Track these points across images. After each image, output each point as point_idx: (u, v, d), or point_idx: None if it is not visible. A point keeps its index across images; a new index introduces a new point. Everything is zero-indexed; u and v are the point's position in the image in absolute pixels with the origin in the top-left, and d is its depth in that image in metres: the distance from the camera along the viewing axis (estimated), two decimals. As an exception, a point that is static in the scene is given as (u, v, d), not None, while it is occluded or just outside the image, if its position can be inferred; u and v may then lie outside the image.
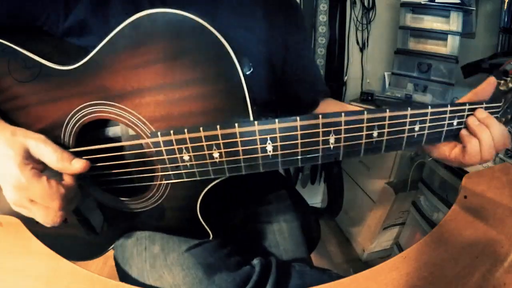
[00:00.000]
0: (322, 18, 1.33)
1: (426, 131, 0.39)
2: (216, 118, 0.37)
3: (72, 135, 0.42)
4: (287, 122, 0.35)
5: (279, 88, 0.62)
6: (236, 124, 0.36)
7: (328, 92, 0.69)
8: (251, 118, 0.36)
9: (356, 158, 1.32)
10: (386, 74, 1.47)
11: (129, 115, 0.39)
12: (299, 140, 0.36)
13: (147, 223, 0.49)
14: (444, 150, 0.44)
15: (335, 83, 1.44)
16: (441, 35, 1.27)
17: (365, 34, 1.45)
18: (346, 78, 1.49)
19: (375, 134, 0.37)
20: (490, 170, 0.65)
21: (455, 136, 0.42)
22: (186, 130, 0.37)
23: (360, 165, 1.44)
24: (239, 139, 0.36)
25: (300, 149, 0.37)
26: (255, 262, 0.48)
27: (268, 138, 0.36)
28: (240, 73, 0.35)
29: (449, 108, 0.39)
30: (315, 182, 1.64)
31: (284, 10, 0.60)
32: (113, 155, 0.43)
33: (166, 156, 0.39)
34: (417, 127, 0.38)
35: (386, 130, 0.37)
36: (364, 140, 0.37)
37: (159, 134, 0.38)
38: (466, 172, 0.64)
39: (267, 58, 0.57)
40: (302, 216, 0.68)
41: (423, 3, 1.25)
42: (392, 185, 1.27)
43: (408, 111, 0.37)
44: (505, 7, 1.14)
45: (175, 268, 0.46)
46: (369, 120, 0.36)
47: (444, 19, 1.24)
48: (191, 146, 0.37)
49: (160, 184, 0.43)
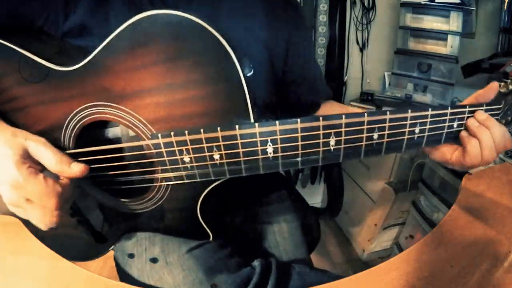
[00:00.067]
0: (322, 18, 1.33)
1: (426, 133, 0.39)
2: (216, 119, 0.36)
3: (72, 136, 0.42)
4: (287, 124, 0.35)
5: (280, 89, 0.62)
6: (237, 126, 0.35)
7: (330, 95, 0.68)
8: (252, 120, 0.36)
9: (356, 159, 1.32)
10: (386, 74, 1.46)
11: (129, 116, 0.39)
12: (300, 142, 0.36)
13: (147, 224, 0.49)
14: (444, 153, 0.44)
15: (335, 83, 1.44)
16: (441, 35, 1.27)
17: (365, 34, 1.45)
18: (346, 78, 1.49)
19: (375, 136, 0.37)
20: (490, 170, 0.65)
21: (455, 138, 0.42)
22: (186, 132, 0.37)
23: (360, 165, 1.44)
24: (239, 141, 0.36)
25: (300, 151, 0.37)
26: (256, 263, 0.48)
27: (269, 140, 0.36)
28: (241, 74, 0.35)
29: (449, 110, 0.39)
30: (315, 182, 1.64)
31: (285, 11, 0.59)
32: (113, 157, 0.43)
33: (166, 158, 0.39)
34: (417, 129, 0.38)
35: (387, 132, 0.37)
36: (364, 142, 0.37)
37: (159, 135, 0.38)
38: (466, 172, 0.64)
39: (268, 59, 0.57)
40: (302, 216, 0.68)
41: (423, 3, 1.25)
42: (392, 185, 1.27)
43: (409, 113, 0.37)
44: (505, 7, 1.14)
45: (175, 269, 0.46)
46: (369, 122, 0.36)
47: (444, 19, 1.24)
48: (192, 148, 0.37)
49: (161, 185, 0.43)
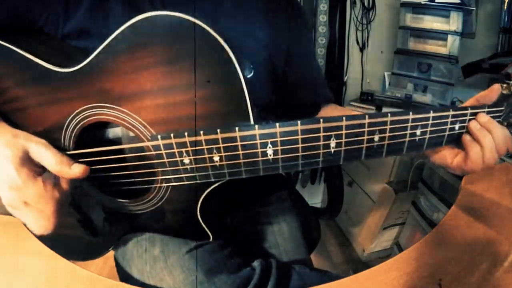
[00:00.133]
0: (322, 18, 1.33)
1: (427, 136, 0.39)
2: (216, 121, 0.36)
3: (72, 137, 0.42)
4: (288, 126, 0.35)
5: (280, 90, 0.62)
6: (237, 128, 0.35)
7: (331, 98, 0.67)
8: (252, 122, 0.36)
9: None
10: (386, 74, 1.47)
11: (129, 118, 0.39)
12: (300, 144, 0.36)
13: (147, 225, 0.49)
14: (445, 157, 0.43)
15: (335, 83, 1.44)
16: (441, 35, 1.27)
17: (365, 34, 1.45)
18: (346, 78, 1.49)
19: (376, 138, 0.37)
20: (490, 170, 0.65)
21: (456, 140, 0.41)
22: (186, 134, 0.36)
23: (360, 165, 1.44)
24: (239, 143, 0.36)
25: (300, 153, 0.36)
26: (256, 264, 0.48)
27: (269, 142, 0.36)
28: (241, 76, 0.34)
29: (451, 112, 0.39)
30: (315, 182, 1.64)
31: (286, 11, 0.59)
32: (113, 158, 0.43)
33: (166, 159, 0.39)
34: (418, 132, 0.38)
35: (388, 134, 0.37)
36: (365, 145, 0.37)
37: (159, 137, 0.38)
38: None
39: (269, 59, 0.57)
40: (302, 217, 0.68)
41: (423, 3, 1.25)
42: (392, 185, 1.27)
43: (410, 116, 0.37)
44: (505, 7, 1.13)
45: (175, 270, 0.46)
46: (370, 124, 0.36)
47: (444, 19, 1.24)
48: (191, 150, 0.37)
49: (161, 186, 0.43)
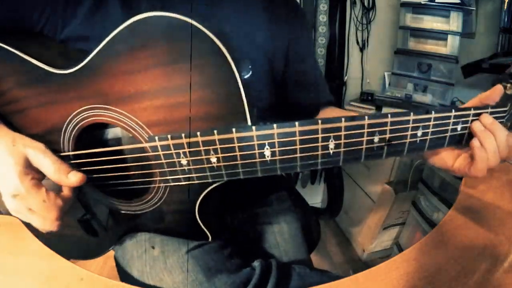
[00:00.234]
0: (322, 18, 1.33)
1: (429, 137, 0.38)
2: (214, 123, 0.36)
3: (71, 138, 0.42)
4: (285, 127, 0.35)
5: (280, 91, 0.62)
6: (234, 129, 0.35)
7: (330, 100, 0.67)
8: (249, 123, 0.36)
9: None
10: (386, 74, 1.47)
11: (127, 119, 0.39)
12: (298, 146, 0.35)
13: (146, 225, 0.49)
14: (444, 159, 0.42)
15: (335, 83, 1.44)
16: (441, 35, 1.27)
17: (365, 34, 1.45)
18: (346, 78, 1.49)
19: (376, 139, 0.36)
20: (490, 170, 0.65)
21: (458, 141, 0.40)
22: (183, 135, 0.36)
23: (360, 165, 1.44)
24: (236, 144, 0.36)
25: (298, 154, 0.36)
26: (256, 264, 0.48)
27: (266, 143, 0.35)
28: (238, 77, 0.34)
29: (453, 113, 0.38)
30: (315, 182, 1.64)
31: (286, 12, 0.59)
32: (111, 159, 0.43)
33: (164, 161, 0.39)
34: (419, 133, 0.37)
35: (388, 135, 0.36)
36: (364, 146, 0.36)
37: (156, 138, 0.38)
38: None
39: (268, 60, 0.57)
40: (302, 217, 0.68)
41: (423, 3, 1.25)
42: (392, 185, 1.27)
43: (411, 116, 0.36)
44: (505, 7, 1.13)
45: (175, 270, 0.46)
46: (370, 125, 0.35)
47: (444, 19, 1.24)
48: (189, 151, 0.37)
49: (159, 187, 0.43)
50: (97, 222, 0.48)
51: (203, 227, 0.46)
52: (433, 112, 0.37)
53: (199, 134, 0.36)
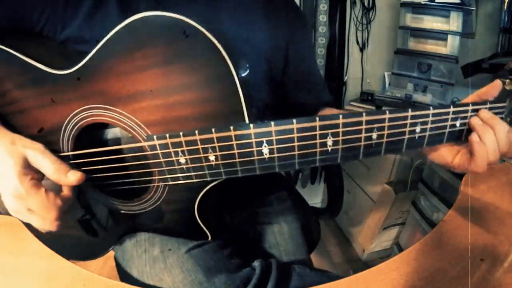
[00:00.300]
0: (322, 18, 1.33)
1: (427, 133, 0.38)
2: (212, 122, 0.36)
3: (70, 138, 0.42)
4: (283, 125, 0.35)
5: (279, 90, 0.62)
6: (231, 127, 0.35)
7: (329, 100, 0.67)
8: (247, 121, 0.36)
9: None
10: (386, 74, 1.47)
11: (125, 119, 0.39)
12: (296, 143, 0.35)
13: (146, 224, 0.49)
14: (444, 156, 0.42)
15: (335, 83, 1.44)
16: (441, 35, 1.27)
17: (365, 34, 1.45)
18: (346, 78, 1.49)
19: (374, 136, 0.36)
20: (490, 170, 0.65)
21: (457, 137, 0.40)
22: (181, 134, 0.36)
23: (360, 165, 1.44)
24: (234, 142, 0.36)
25: (297, 152, 0.36)
26: (255, 264, 0.48)
27: (264, 141, 0.35)
28: (235, 75, 0.34)
29: (452, 109, 0.38)
30: (315, 182, 1.64)
31: (285, 12, 0.59)
32: (110, 158, 0.43)
33: (162, 159, 0.39)
34: (418, 129, 0.37)
35: (386, 132, 0.36)
36: (363, 143, 0.36)
37: (155, 137, 0.38)
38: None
39: (267, 60, 0.57)
40: (302, 217, 0.68)
41: (423, 3, 1.25)
42: (392, 185, 1.27)
43: (409, 113, 0.36)
44: (505, 7, 1.13)
45: (174, 270, 0.46)
46: (368, 122, 0.35)
47: (444, 19, 1.24)
48: (187, 149, 0.37)
49: (158, 186, 0.43)
50: (97, 222, 0.48)
51: (202, 226, 0.46)
52: (431, 108, 0.37)
53: (197, 132, 0.36)
